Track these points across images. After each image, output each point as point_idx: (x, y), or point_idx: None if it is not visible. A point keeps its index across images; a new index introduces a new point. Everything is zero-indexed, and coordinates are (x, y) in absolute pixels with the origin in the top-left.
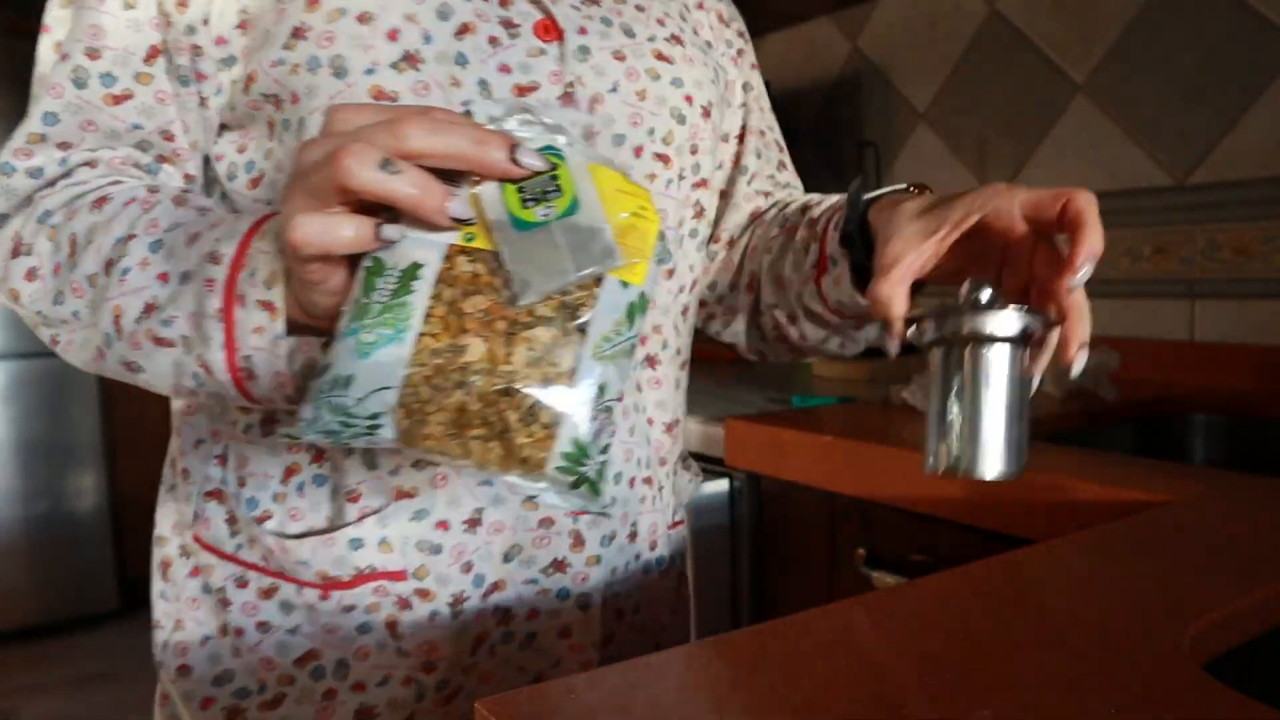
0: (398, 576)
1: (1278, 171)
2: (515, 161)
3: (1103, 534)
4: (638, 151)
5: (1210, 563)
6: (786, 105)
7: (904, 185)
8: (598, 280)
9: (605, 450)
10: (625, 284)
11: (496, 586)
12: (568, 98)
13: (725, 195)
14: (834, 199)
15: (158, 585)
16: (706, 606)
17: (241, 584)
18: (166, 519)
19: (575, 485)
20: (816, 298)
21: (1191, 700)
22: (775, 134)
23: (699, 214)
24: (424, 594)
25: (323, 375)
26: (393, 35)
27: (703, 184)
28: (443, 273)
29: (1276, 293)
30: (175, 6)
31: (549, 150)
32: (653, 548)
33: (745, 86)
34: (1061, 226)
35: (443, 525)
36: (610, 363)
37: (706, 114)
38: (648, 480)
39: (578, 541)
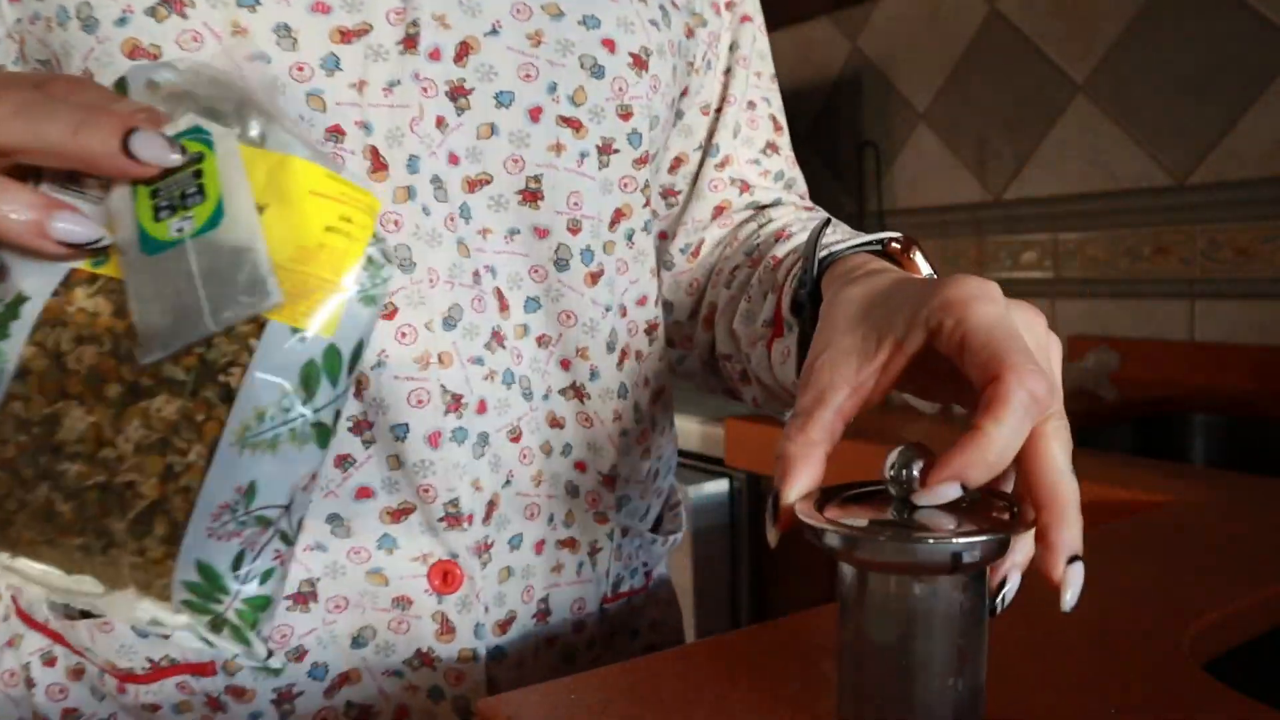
0: (204, 670)
1: (1278, 171)
2: (129, 153)
3: (1103, 534)
4: (534, 114)
5: (1210, 563)
6: (786, 105)
7: (879, 239)
8: (259, 326)
9: (265, 579)
10: (299, 333)
11: (347, 679)
12: (411, 42)
13: (692, 181)
14: (817, 226)
15: None
16: (706, 606)
17: (49, 661)
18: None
19: (214, 627)
20: (766, 366)
21: (1191, 700)
22: (771, 108)
23: (650, 201)
24: (238, 692)
25: None
26: None
27: (646, 159)
28: (52, 309)
29: (1276, 293)
30: None
31: (194, 135)
32: (579, 630)
33: (732, 46)
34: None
35: None
36: (267, 452)
37: (640, 65)
38: (568, 544)
39: (445, 629)
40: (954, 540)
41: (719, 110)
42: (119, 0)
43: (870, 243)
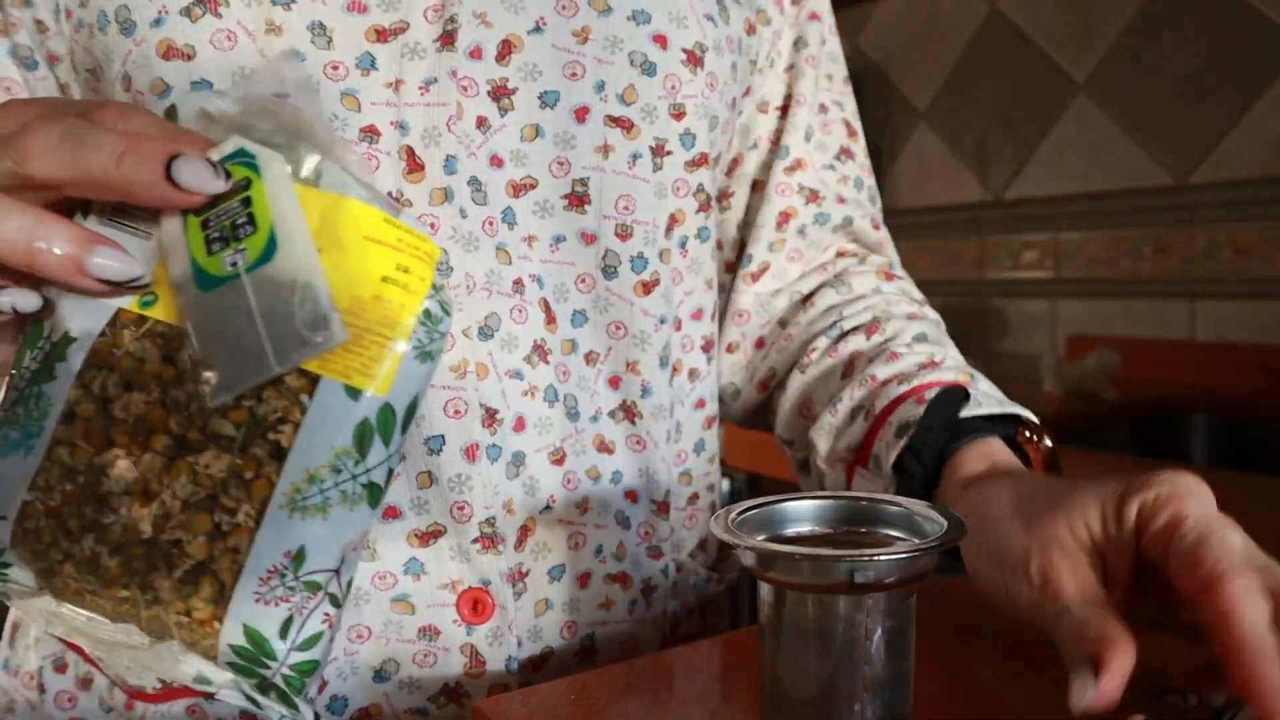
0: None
1: (1278, 171)
2: (173, 181)
3: None
4: (580, 114)
5: None
6: None
7: (1013, 415)
8: (311, 382)
9: (311, 645)
10: (354, 391)
11: (367, 714)
12: (448, 39)
13: (758, 186)
14: (922, 345)
15: (3, 653)
16: None
17: (60, 667)
18: None
19: (262, 690)
20: (845, 489)
21: None
22: (845, 113)
23: (705, 206)
24: None
25: None
26: None
27: (702, 161)
28: (99, 351)
29: (1276, 293)
30: None
31: (239, 159)
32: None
33: (797, 43)
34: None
35: None
36: (317, 515)
37: (695, 61)
38: (619, 579)
39: (475, 662)
40: (845, 559)
41: (784, 110)
42: (155, 2)
43: (1002, 418)
